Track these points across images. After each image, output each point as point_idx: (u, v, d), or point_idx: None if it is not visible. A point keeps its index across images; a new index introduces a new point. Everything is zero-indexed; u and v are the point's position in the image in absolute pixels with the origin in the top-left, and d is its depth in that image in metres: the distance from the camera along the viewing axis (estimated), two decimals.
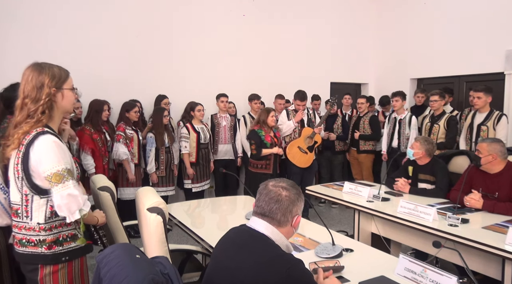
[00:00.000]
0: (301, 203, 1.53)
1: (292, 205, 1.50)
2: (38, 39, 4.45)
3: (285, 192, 1.50)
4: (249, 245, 1.45)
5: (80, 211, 1.66)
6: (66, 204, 1.61)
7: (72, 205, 1.62)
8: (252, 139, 4.45)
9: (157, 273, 1.27)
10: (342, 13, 6.76)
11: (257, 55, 5.98)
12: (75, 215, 1.64)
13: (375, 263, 1.99)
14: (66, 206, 1.61)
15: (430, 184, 3.35)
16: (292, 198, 1.50)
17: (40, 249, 1.65)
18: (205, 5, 5.55)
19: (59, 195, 1.60)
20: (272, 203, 1.49)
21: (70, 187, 1.62)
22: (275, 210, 1.48)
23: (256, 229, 1.48)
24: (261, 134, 4.39)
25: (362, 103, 5.45)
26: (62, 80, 1.71)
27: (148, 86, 5.09)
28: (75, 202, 1.63)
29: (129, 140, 4.27)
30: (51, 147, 1.61)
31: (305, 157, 4.78)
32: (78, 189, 1.66)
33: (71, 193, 1.61)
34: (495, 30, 5.19)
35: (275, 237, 1.47)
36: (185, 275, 2.57)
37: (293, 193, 1.51)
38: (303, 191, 1.60)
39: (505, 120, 4.09)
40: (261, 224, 1.48)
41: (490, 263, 2.31)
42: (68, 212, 1.62)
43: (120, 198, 4.24)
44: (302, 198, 1.54)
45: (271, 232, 1.47)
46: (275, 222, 1.48)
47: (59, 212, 1.63)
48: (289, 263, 1.37)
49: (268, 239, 1.45)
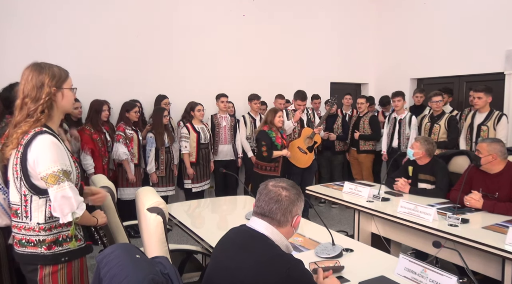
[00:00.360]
0: (301, 203, 1.53)
1: (292, 205, 1.50)
2: (37, 39, 4.45)
3: (285, 192, 1.50)
4: (249, 245, 1.45)
5: (73, 214, 1.64)
6: (59, 205, 1.61)
7: (65, 207, 1.62)
8: (263, 140, 4.28)
9: (157, 273, 1.27)
10: (342, 13, 6.76)
11: (257, 55, 5.98)
12: (67, 217, 1.63)
13: (375, 263, 1.99)
14: (59, 208, 1.61)
15: (430, 184, 3.35)
16: (292, 198, 1.50)
17: (40, 249, 1.65)
18: (205, 5, 5.55)
19: (53, 196, 1.60)
20: (272, 203, 1.48)
21: (65, 188, 1.61)
22: (275, 210, 1.48)
23: (256, 229, 1.48)
24: (272, 136, 4.29)
25: (362, 103, 5.46)
26: (62, 80, 1.71)
27: (148, 86, 5.09)
28: (68, 205, 1.62)
29: (129, 140, 4.27)
30: (48, 147, 1.61)
31: (304, 157, 4.78)
32: (73, 191, 1.65)
33: (64, 195, 1.61)
34: (495, 30, 5.19)
35: (275, 237, 1.47)
36: (185, 275, 2.57)
37: (293, 193, 1.51)
38: (303, 191, 1.60)
39: (505, 120, 4.09)
40: (261, 224, 1.48)
41: (490, 263, 2.31)
42: (60, 214, 1.62)
43: (120, 198, 4.24)
44: (302, 198, 1.54)
45: (271, 232, 1.47)
46: (275, 222, 1.48)
47: (53, 212, 1.63)
48: (289, 263, 1.37)
49: (268, 239, 1.45)
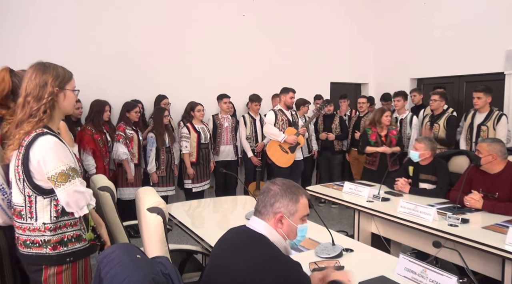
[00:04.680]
0: (286, 200, 1.47)
1: (274, 198, 1.48)
2: (38, 39, 4.45)
3: (274, 186, 1.50)
4: (247, 246, 1.44)
5: (88, 205, 1.71)
6: (74, 200, 1.64)
7: (81, 201, 1.66)
8: (361, 137, 4.68)
9: (157, 273, 1.27)
10: (342, 13, 6.76)
11: (257, 55, 5.97)
12: (83, 210, 1.68)
13: (375, 263, 2.00)
14: (75, 203, 1.64)
15: (431, 184, 3.35)
16: (276, 192, 1.49)
17: (45, 249, 1.65)
18: (205, 5, 5.55)
19: (65, 193, 1.62)
20: (261, 196, 1.51)
21: (77, 184, 1.65)
22: (260, 202, 1.50)
23: (255, 229, 1.48)
24: (368, 133, 4.51)
25: (363, 103, 5.45)
26: (65, 81, 1.72)
27: (148, 86, 5.09)
28: (83, 198, 1.67)
29: (129, 140, 4.27)
30: (53, 147, 1.62)
31: (285, 157, 4.70)
32: (84, 185, 1.69)
33: (77, 190, 1.64)
34: (495, 30, 5.18)
35: (274, 238, 1.46)
36: (185, 275, 2.57)
37: (280, 188, 1.49)
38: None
39: (505, 120, 4.09)
40: (259, 224, 1.49)
41: (490, 263, 2.31)
42: (76, 208, 1.66)
43: (120, 198, 4.25)
44: (291, 197, 1.48)
45: (269, 232, 1.46)
46: (262, 216, 1.49)
47: (67, 209, 1.65)
48: (286, 265, 1.36)
49: (266, 239, 1.44)
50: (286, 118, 4.75)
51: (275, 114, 4.72)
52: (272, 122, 4.68)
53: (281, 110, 4.77)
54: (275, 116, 4.71)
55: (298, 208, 1.49)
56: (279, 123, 4.70)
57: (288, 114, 4.78)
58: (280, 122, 4.70)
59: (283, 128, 4.69)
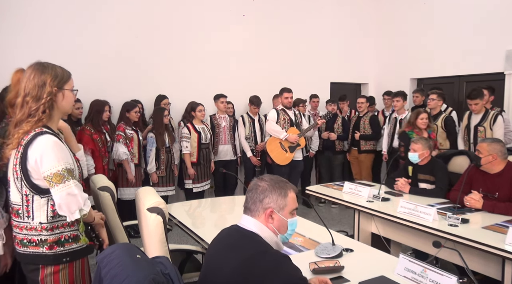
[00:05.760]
0: (275, 195, 1.49)
1: (263, 194, 1.49)
2: (37, 39, 4.45)
3: (263, 183, 1.51)
4: (239, 244, 1.46)
5: (80, 211, 1.66)
6: (66, 203, 1.62)
7: (72, 204, 1.63)
8: (402, 141, 4.26)
9: (158, 273, 1.27)
10: (342, 13, 6.76)
11: (257, 55, 5.98)
12: (75, 214, 1.65)
13: (375, 263, 2.00)
14: (66, 206, 1.62)
15: (430, 184, 3.35)
16: (265, 188, 1.49)
17: (42, 249, 1.65)
18: (205, 5, 5.55)
19: (59, 194, 1.60)
20: (249, 193, 1.51)
21: (71, 186, 1.62)
22: (249, 199, 1.50)
23: (246, 228, 1.50)
24: (411, 136, 4.02)
25: (362, 103, 5.46)
26: (64, 81, 1.72)
27: (148, 86, 5.09)
28: (75, 202, 1.64)
29: (129, 140, 4.27)
30: (51, 147, 1.62)
31: (283, 155, 4.73)
32: (79, 188, 1.66)
33: (70, 193, 1.62)
34: (495, 30, 5.19)
35: (265, 234, 1.48)
36: (185, 275, 2.57)
37: (268, 184, 1.50)
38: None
39: (501, 120, 4.09)
40: (250, 222, 1.50)
41: (490, 263, 2.32)
42: (68, 212, 1.63)
43: (120, 198, 4.24)
44: (280, 191, 1.50)
45: (260, 229, 1.48)
46: (251, 213, 1.50)
47: (59, 211, 1.64)
48: (276, 259, 1.38)
49: (257, 236, 1.46)
50: (288, 118, 4.79)
51: (277, 113, 4.78)
52: (274, 119, 4.73)
53: (283, 109, 4.83)
54: (277, 115, 4.76)
55: (287, 202, 1.51)
56: (281, 122, 4.74)
57: (290, 114, 4.82)
58: (281, 121, 4.75)
59: (284, 128, 4.72)
